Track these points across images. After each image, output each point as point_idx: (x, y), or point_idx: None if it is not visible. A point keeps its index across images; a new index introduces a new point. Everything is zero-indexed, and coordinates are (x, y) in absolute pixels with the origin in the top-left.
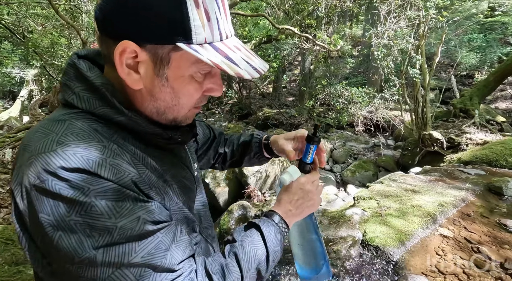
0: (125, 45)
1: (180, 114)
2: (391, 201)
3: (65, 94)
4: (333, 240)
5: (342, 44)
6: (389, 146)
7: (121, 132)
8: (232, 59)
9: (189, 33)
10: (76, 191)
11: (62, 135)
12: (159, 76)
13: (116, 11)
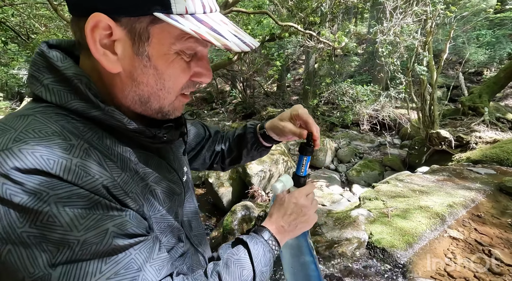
0: (96, 18)
1: (167, 101)
2: (397, 201)
3: (33, 86)
4: (338, 241)
5: (346, 41)
6: (395, 145)
7: (97, 130)
8: (218, 31)
9: (167, 2)
10: (32, 196)
11: (21, 132)
12: (139, 55)
13: None
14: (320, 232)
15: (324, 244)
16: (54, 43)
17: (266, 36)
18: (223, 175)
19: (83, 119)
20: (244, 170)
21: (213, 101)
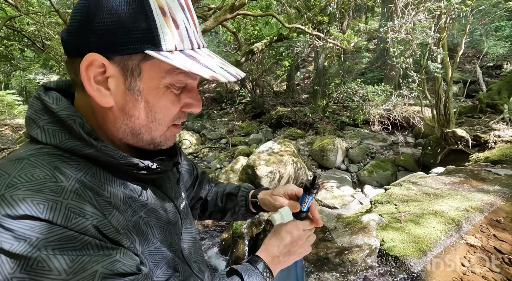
0: (91, 57)
1: (158, 132)
2: (411, 206)
3: (29, 128)
4: (349, 248)
5: (356, 41)
6: (409, 144)
7: (92, 167)
8: (205, 65)
9: (157, 40)
10: (22, 242)
11: (14, 177)
12: (131, 90)
13: (80, 27)
14: (330, 237)
15: (334, 250)
16: (52, 85)
17: (274, 37)
18: (232, 176)
19: (78, 157)
20: (253, 172)
21: (222, 101)
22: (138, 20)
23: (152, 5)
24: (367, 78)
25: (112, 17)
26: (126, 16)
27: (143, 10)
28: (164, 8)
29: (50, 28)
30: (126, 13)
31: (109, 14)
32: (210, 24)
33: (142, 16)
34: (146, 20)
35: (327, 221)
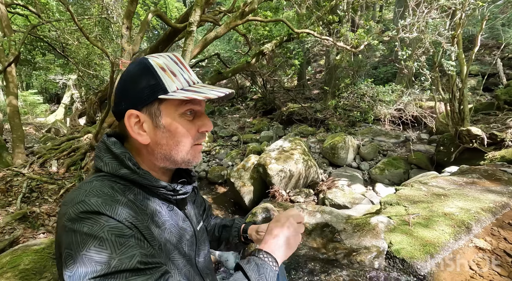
0: (129, 113)
1: (184, 152)
2: (420, 207)
3: (96, 162)
4: (357, 249)
5: (366, 41)
6: (423, 140)
7: (134, 189)
8: (199, 91)
9: (164, 88)
10: (93, 226)
11: (88, 191)
12: (158, 127)
13: (119, 99)
14: (339, 239)
15: (342, 251)
16: (110, 133)
17: (284, 37)
18: (244, 174)
19: (126, 182)
20: (264, 170)
21: (233, 98)
22: (149, 81)
23: (155, 67)
24: (380, 72)
25: (133, 85)
26: (141, 81)
27: (150, 73)
28: (163, 67)
29: (70, 35)
30: (141, 80)
31: (130, 85)
32: (221, 30)
33: (150, 77)
34: (154, 78)
35: (336, 222)
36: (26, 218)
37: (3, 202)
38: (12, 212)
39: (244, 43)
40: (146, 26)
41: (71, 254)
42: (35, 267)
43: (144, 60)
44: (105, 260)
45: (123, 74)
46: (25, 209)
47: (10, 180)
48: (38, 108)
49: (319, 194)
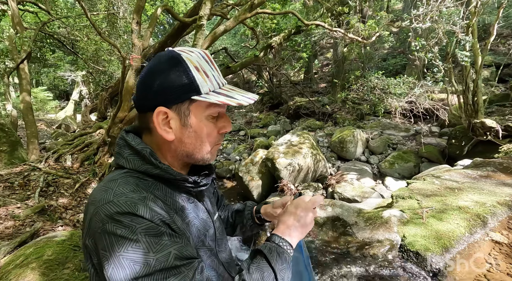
0: (159, 110)
1: (205, 152)
2: (434, 201)
3: (117, 159)
4: (369, 243)
5: (378, 32)
6: (434, 133)
7: (158, 184)
8: (231, 96)
9: (198, 89)
10: (127, 229)
11: (116, 190)
12: (185, 126)
13: (147, 93)
14: (351, 232)
15: (354, 245)
16: (128, 129)
17: (292, 30)
18: (252, 168)
19: (149, 177)
20: (273, 164)
21: None
22: (183, 79)
23: (190, 66)
24: (389, 65)
25: (165, 82)
26: (175, 79)
27: (185, 71)
28: (197, 66)
29: (79, 31)
30: (175, 77)
31: (162, 81)
32: (230, 24)
33: (184, 75)
34: (188, 78)
35: (347, 215)
36: (44, 211)
37: (22, 196)
38: (31, 205)
39: (252, 37)
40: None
41: (107, 256)
42: (58, 258)
43: (177, 56)
44: (143, 261)
45: (152, 68)
46: (43, 203)
47: (27, 175)
48: (48, 105)
49: (328, 188)
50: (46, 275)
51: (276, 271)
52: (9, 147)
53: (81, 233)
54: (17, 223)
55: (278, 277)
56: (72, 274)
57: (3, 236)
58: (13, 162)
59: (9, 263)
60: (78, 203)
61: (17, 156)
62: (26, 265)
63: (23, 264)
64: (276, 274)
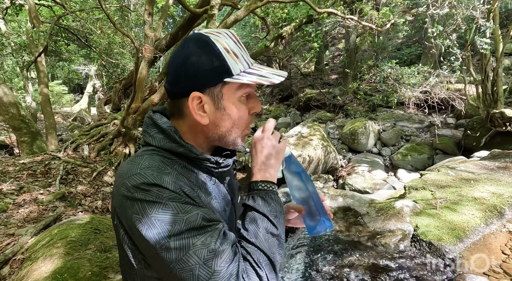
0: (193, 95)
1: (236, 135)
2: (448, 192)
3: (145, 137)
4: (381, 232)
5: (392, 20)
6: (449, 124)
7: (181, 162)
8: (262, 75)
9: (230, 70)
10: (155, 196)
11: (142, 164)
12: (219, 109)
13: (178, 78)
14: (362, 222)
15: (366, 234)
16: (156, 109)
17: (303, 19)
18: None
19: (173, 155)
20: None
21: None
22: (213, 62)
23: (220, 48)
24: (403, 54)
25: (199, 66)
26: (206, 62)
27: (215, 54)
28: (226, 48)
29: (93, 24)
30: (206, 61)
31: (194, 65)
32: (241, 14)
33: (215, 58)
34: (219, 60)
35: (359, 206)
36: (65, 197)
37: (44, 183)
38: (52, 192)
39: (262, 28)
40: None
41: (139, 219)
42: (81, 239)
43: (206, 39)
44: (173, 220)
45: (181, 52)
46: (64, 190)
47: (48, 163)
48: (64, 99)
49: (339, 179)
50: (71, 255)
51: (267, 214)
52: (29, 137)
53: (100, 218)
54: (41, 208)
55: (270, 218)
56: (94, 254)
57: (28, 219)
58: (34, 152)
59: (36, 243)
60: (95, 190)
61: (37, 146)
62: (52, 245)
63: (49, 244)
64: (268, 217)
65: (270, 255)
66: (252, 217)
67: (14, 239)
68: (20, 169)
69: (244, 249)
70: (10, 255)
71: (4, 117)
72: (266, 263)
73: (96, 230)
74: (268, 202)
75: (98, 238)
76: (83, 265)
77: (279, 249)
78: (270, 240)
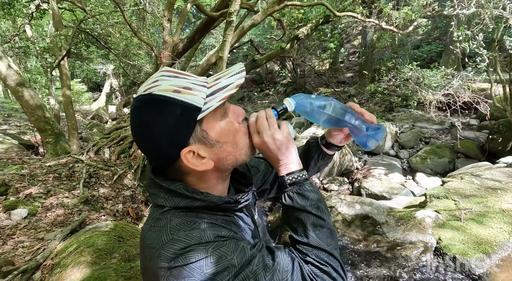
0: (184, 154)
1: (245, 148)
2: (473, 202)
3: (155, 199)
4: (401, 244)
5: (416, 21)
6: (472, 127)
7: (203, 211)
8: (225, 86)
9: (195, 107)
10: (199, 254)
11: (169, 228)
12: (214, 145)
13: (158, 154)
14: (381, 231)
15: (385, 244)
16: (153, 169)
17: (320, 19)
18: None
19: (191, 210)
20: None
21: (262, 83)
22: (175, 112)
23: (170, 95)
24: (423, 52)
25: (167, 128)
26: (170, 119)
27: (171, 103)
28: (175, 89)
29: (112, 27)
30: (168, 117)
31: (165, 129)
32: (257, 18)
33: (174, 107)
34: (179, 107)
35: (377, 214)
36: (88, 201)
37: (69, 186)
38: (77, 195)
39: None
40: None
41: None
42: (106, 248)
43: (150, 97)
44: (227, 264)
45: (141, 128)
46: (87, 193)
47: (72, 166)
48: (83, 97)
49: (354, 182)
50: (97, 264)
51: (309, 210)
52: (53, 138)
53: (122, 225)
54: (67, 212)
55: (313, 211)
56: (119, 263)
57: (56, 223)
58: (57, 153)
59: (64, 249)
60: (116, 194)
61: (60, 147)
62: (79, 253)
63: (77, 252)
64: (311, 212)
65: (327, 248)
66: (295, 216)
67: (44, 244)
68: (46, 171)
69: (300, 252)
70: (41, 261)
71: (31, 119)
72: (327, 257)
73: (120, 238)
74: (305, 195)
75: (122, 246)
76: (109, 275)
77: (333, 237)
78: (321, 233)
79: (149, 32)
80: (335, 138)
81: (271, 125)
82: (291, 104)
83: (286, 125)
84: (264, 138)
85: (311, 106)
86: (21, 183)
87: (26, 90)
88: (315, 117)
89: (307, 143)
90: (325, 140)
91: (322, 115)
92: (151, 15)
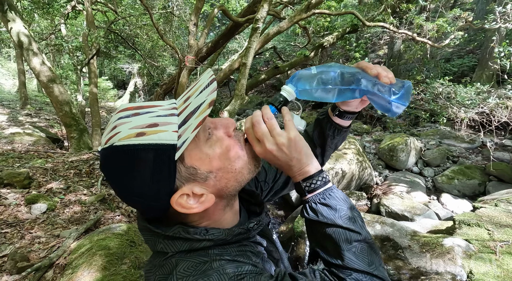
0: (174, 203)
1: (246, 163)
2: (509, 233)
3: (155, 246)
4: (426, 273)
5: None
6: (506, 148)
7: (211, 248)
8: (197, 107)
9: (171, 145)
10: None
11: (176, 275)
12: (206, 179)
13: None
14: (403, 256)
15: (407, 272)
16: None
17: (346, 28)
18: None
19: (197, 252)
20: None
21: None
22: (149, 158)
23: (136, 141)
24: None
25: (144, 177)
26: (145, 167)
27: (141, 151)
28: (138, 132)
29: (140, 29)
30: (142, 166)
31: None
32: (284, 25)
33: (146, 153)
34: (151, 151)
35: (399, 236)
36: (105, 199)
37: (88, 183)
38: (94, 193)
39: (302, 35)
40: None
41: None
42: (117, 253)
43: (116, 150)
44: None
45: (114, 185)
46: (104, 192)
47: (92, 163)
48: (108, 94)
49: (373, 198)
50: (108, 269)
51: (338, 223)
52: (78, 134)
53: (135, 228)
54: (83, 209)
55: (344, 225)
56: (129, 271)
57: (72, 220)
58: (80, 148)
59: (77, 249)
60: None
61: (83, 142)
62: (92, 255)
63: (89, 254)
64: (341, 226)
65: (369, 269)
66: (323, 233)
67: (59, 241)
68: (68, 167)
69: (336, 276)
70: (54, 259)
71: (58, 114)
72: (370, 280)
73: (132, 243)
74: (332, 205)
75: (133, 251)
76: None
77: (374, 252)
78: (359, 251)
79: (175, 35)
80: (350, 104)
81: (272, 129)
82: (291, 93)
83: (290, 121)
84: (267, 147)
85: (316, 86)
86: (43, 177)
87: (56, 86)
88: (324, 97)
89: (316, 121)
90: (338, 110)
91: (331, 92)
92: (177, 18)
